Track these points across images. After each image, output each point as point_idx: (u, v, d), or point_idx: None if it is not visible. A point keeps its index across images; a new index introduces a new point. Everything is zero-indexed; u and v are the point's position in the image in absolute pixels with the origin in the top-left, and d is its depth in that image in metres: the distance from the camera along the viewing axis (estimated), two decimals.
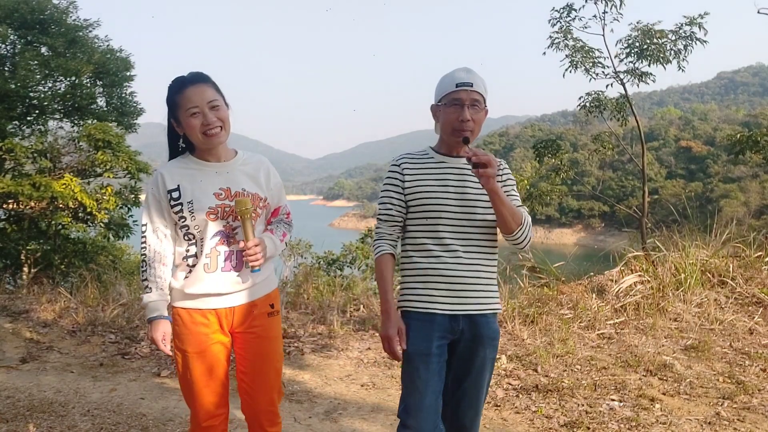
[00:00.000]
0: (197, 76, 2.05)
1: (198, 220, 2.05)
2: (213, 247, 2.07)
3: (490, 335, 2.09)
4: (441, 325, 2.04)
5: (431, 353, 2.02)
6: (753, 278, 5.86)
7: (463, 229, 2.07)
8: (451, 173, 2.11)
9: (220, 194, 2.06)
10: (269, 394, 2.19)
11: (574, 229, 64.26)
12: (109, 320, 5.06)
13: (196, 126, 2.01)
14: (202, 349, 2.10)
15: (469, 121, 2.03)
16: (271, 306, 2.19)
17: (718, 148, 58.26)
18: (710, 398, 3.64)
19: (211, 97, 2.02)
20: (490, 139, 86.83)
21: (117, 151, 10.06)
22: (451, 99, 2.05)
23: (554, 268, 6.37)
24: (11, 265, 9.92)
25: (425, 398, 2.01)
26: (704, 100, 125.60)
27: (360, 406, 3.59)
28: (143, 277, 2.10)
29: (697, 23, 8.75)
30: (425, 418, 2.00)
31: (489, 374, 2.14)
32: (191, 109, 2.00)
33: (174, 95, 2.04)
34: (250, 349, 2.15)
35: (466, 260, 2.05)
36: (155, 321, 2.07)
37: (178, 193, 2.06)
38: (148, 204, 2.10)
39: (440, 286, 2.05)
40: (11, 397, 3.62)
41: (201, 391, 2.12)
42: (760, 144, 8.74)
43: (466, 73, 2.07)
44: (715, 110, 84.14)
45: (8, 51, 10.74)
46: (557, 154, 10.70)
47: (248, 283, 2.11)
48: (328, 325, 5.01)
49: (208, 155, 2.11)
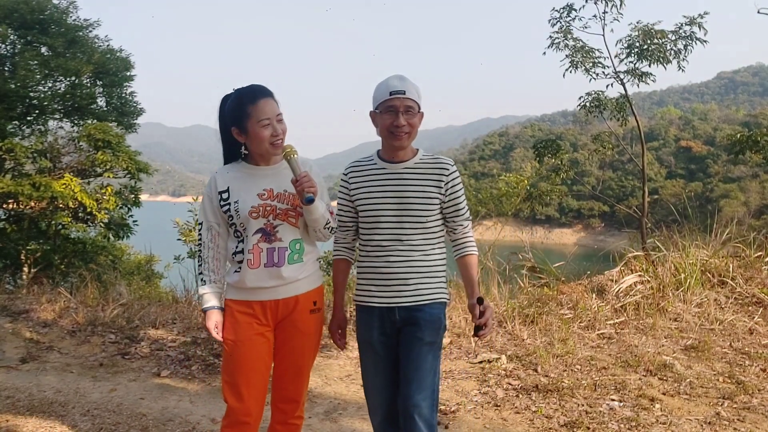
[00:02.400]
0: (266, 89, 2.22)
1: (242, 218, 2.20)
2: (255, 244, 2.21)
3: (426, 318, 2.23)
4: (380, 317, 2.26)
5: (373, 341, 2.28)
6: (753, 278, 5.86)
7: (399, 229, 2.24)
8: (389, 179, 2.27)
9: (263, 194, 2.22)
10: (298, 384, 2.33)
11: (574, 229, 64.29)
12: (109, 320, 5.06)
13: (266, 137, 2.17)
14: (247, 337, 2.22)
15: (404, 125, 2.19)
16: (314, 303, 2.32)
17: (718, 148, 58.30)
18: (710, 398, 3.64)
19: (278, 111, 2.20)
20: (490, 139, 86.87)
21: (117, 151, 10.06)
22: (386, 106, 2.20)
23: (554, 268, 6.37)
24: (11, 265, 9.91)
25: (370, 380, 2.33)
26: (704, 100, 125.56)
27: (360, 406, 3.59)
28: (199, 271, 2.29)
29: (697, 23, 8.75)
30: (374, 396, 2.32)
31: (432, 357, 2.22)
32: (263, 121, 2.16)
33: (246, 105, 2.17)
34: (290, 343, 2.29)
35: (400, 258, 2.24)
36: (209, 311, 2.25)
37: (227, 194, 2.24)
38: (203, 204, 2.30)
39: (377, 282, 2.27)
40: (11, 397, 3.62)
41: (242, 381, 2.21)
42: (760, 144, 8.72)
43: (399, 81, 2.21)
44: (715, 110, 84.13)
45: (8, 51, 10.74)
46: (557, 154, 10.68)
47: (292, 279, 2.25)
48: (328, 325, 5.00)
49: (260, 160, 2.28)
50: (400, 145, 2.24)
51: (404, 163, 2.28)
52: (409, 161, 2.28)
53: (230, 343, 2.23)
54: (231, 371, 2.24)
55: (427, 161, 2.29)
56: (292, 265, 2.24)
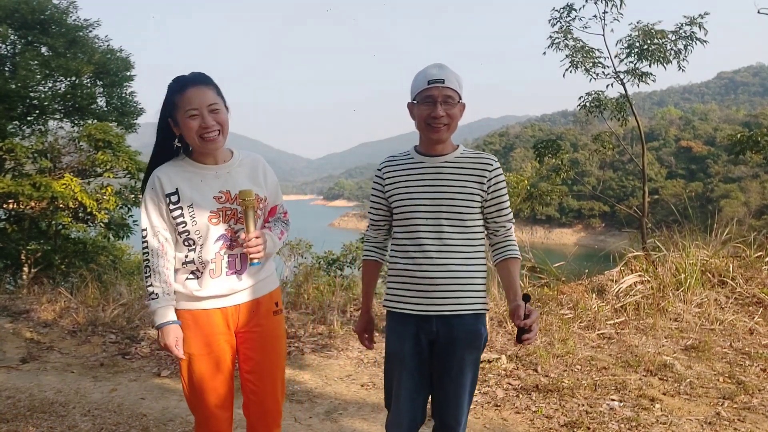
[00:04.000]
0: (199, 77, 2.00)
1: (199, 224, 2.01)
2: (217, 252, 2.04)
3: (467, 337, 2.07)
4: (414, 325, 2.08)
5: (404, 354, 2.09)
6: (753, 278, 5.86)
7: (437, 228, 2.07)
8: (427, 173, 2.11)
9: (220, 197, 2.03)
10: (275, 393, 2.19)
11: (574, 229, 64.29)
12: (110, 320, 5.06)
13: (193, 128, 1.96)
14: (208, 350, 2.08)
15: (443, 117, 2.03)
16: (276, 305, 2.20)
17: (719, 148, 58.31)
18: (710, 398, 3.64)
19: (211, 100, 1.98)
20: (491, 139, 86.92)
21: (117, 151, 10.08)
22: (423, 96, 2.05)
23: (554, 268, 6.37)
24: (11, 265, 9.93)
25: (399, 396, 2.11)
26: (704, 100, 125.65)
27: (360, 406, 3.59)
28: (148, 283, 2.03)
29: (697, 23, 8.75)
30: (400, 408, 2.11)
31: (471, 375, 2.11)
32: (190, 111, 1.95)
33: (173, 95, 1.98)
34: (256, 348, 2.14)
35: (439, 261, 2.05)
36: (166, 327, 2.02)
37: (177, 196, 2.00)
38: (146, 207, 2.03)
39: (412, 287, 2.08)
40: (12, 397, 3.62)
41: (207, 393, 2.10)
42: (760, 144, 8.72)
43: (438, 69, 2.06)
44: (715, 110, 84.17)
45: (8, 51, 10.76)
46: (557, 154, 10.69)
47: (252, 282, 2.11)
48: (328, 325, 5.02)
49: (206, 158, 2.07)
50: (438, 137, 2.07)
51: (443, 156, 2.11)
52: (448, 155, 2.12)
53: (191, 358, 2.07)
54: (195, 388, 2.09)
55: (469, 156, 2.14)
56: (252, 268, 2.09)
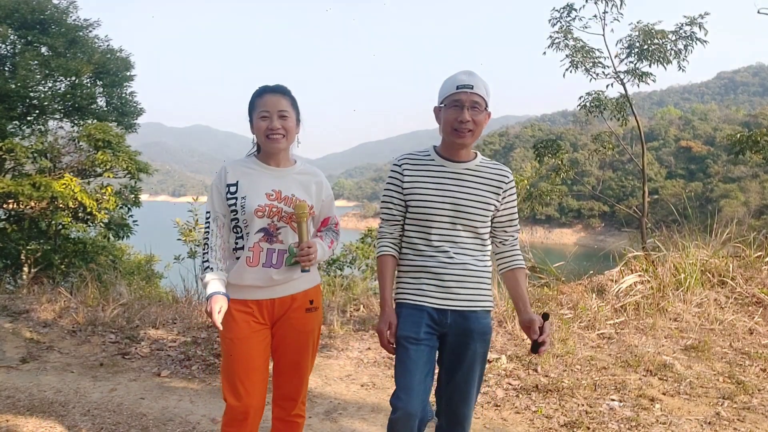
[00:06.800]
0: (277, 87, 2.26)
1: (247, 215, 2.21)
2: (256, 242, 2.22)
3: (480, 330, 2.17)
4: (430, 316, 2.14)
5: (420, 338, 2.12)
6: (753, 278, 5.86)
7: (453, 232, 2.16)
8: (449, 177, 2.18)
9: (270, 194, 2.24)
10: (297, 384, 2.34)
11: (574, 229, 64.29)
12: (110, 320, 5.06)
13: (262, 128, 2.20)
14: (246, 335, 2.23)
15: (469, 122, 2.09)
16: (311, 302, 2.33)
17: (718, 148, 58.31)
18: (710, 398, 3.64)
19: (283, 107, 2.21)
20: (490, 139, 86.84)
21: (117, 151, 10.08)
22: (451, 101, 2.11)
23: (554, 268, 6.37)
24: (11, 265, 9.92)
25: (414, 377, 2.09)
26: (704, 100, 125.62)
27: (360, 406, 3.59)
28: (204, 258, 2.25)
29: (697, 23, 8.76)
30: (415, 396, 2.07)
31: (480, 368, 2.20)
32: (262, 113, 2.20)
33: (254, 99, 2.24)
34: (287, 341, 2.30)
35: (455, 260, 2.15)
36: (215, 296, 2.17)
37: (235, 188, 2.24)
38: (211, 194, 2.29)
39: (431, 282, 2.15)
40: (11, 397, 3.62)
41: (240, 379, 2.22)
42: (760, 144, 8.74)
43: (467, 75, 2.13)
44: (715, 110, 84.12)
45: (8, 51, 10.75)
46: (557, 154, 10.70)
47: (288, 278, 2.26)
48: (328, 325, 5.01)
49: (269, 159, 2.29)
50: (462, 142, 2.13)
51: (465, 163, 2.19)
52: (470, 162, 2.20)
53: (228, 342, 2.23)
54: (229, 370, 2.24)
55: (488, 165, 2.22)
56: (288, 267, 2.25)
